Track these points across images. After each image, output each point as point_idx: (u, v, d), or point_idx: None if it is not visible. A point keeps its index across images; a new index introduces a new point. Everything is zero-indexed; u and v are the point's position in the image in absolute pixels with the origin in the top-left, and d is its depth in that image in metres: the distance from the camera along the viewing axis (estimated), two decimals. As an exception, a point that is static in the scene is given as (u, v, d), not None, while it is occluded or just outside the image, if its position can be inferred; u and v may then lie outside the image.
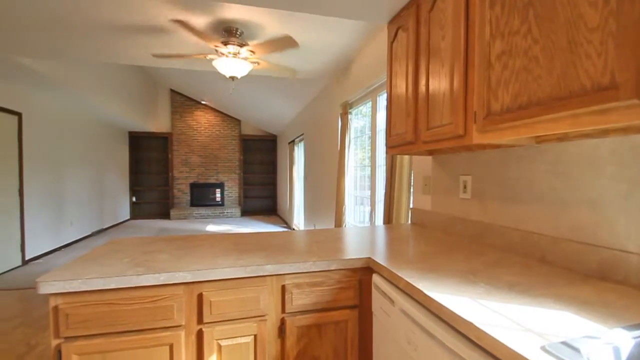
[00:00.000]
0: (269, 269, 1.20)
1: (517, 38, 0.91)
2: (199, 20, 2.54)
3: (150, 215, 8.63)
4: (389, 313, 1.10)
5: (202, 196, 8.79)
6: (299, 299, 1.23)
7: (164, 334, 1.12)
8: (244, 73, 2.90)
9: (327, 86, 4.34)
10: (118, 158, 7.74)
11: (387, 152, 1.78)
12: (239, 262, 1.23)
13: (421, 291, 0.91)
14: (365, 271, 1.31)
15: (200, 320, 1.16)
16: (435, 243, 1.52)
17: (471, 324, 0.71)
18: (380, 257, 1.27)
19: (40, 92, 4.49)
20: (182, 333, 1.14)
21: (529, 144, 1.19)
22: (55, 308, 1.05)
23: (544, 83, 0.82)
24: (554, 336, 0.64)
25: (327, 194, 4.34)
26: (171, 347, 1.13)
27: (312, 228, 5.36)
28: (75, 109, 5.56)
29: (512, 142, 1.14)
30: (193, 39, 2.76)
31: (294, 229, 6.75)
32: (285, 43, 2.68)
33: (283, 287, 1.23)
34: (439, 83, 1.29)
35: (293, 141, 6.84)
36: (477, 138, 1.10)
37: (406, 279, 1.00)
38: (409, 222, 2.22)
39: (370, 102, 3.05)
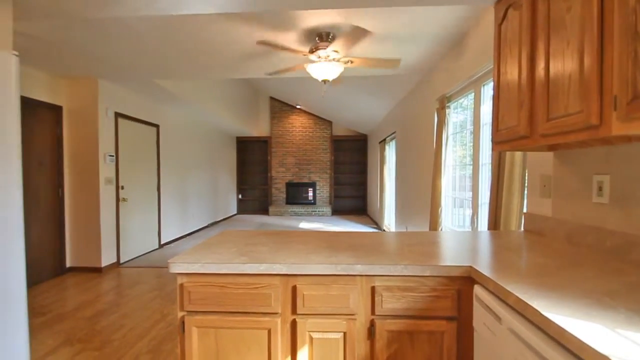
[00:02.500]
0: (359, 268, 1.19)
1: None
2: (289, 35, 2.74)
3: (253, 211, 9.64)
4: (494, 331, 0.97)
5: (296, 195, 9.38)
6: (390, 303, 1.19)
7: (263, 319, 1.23)
8: (336, 75, 2.97)
9: (421, 81, 4.11)
10: (228, 160, 8.88)
11: (493, 149, 1.58)
12: (330, 259, 1.26)
13: (537, 311, 0.77)
14: (464, 281, 1.19)
15: (294, 311, 1.23)
16: (556, 255, 1.28)
17: (606, 358, 0.57)
18: (484, 267, 1.14)
19: (171, 107, 5.47)
20: (279, 320, 1.23)
21: None
22: (181, 285, 1.26)
23: None
24: None
25: (421, 194, 4.12)
26: (269, 331, 1.23)
27: (404, 230, 5.17)
28: (195, 119, 6.60)
29: (675, 131, 0.88)
30: (289, 54, 2.98)
31: (384, 230, 6.62)
32: (356, 34, 2.59)
33: (373, 288, 1.21)
34: (562, 65, 1.08)
35: (384, 140, 6.71)
36: (618, 128, 0.88)
37: (517, 294, 0.87)
38: (521, 229, 1.93)
39: (473, 94, 2.76)
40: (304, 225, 7.61)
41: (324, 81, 3.02)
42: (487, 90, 2.54)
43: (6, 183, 1.30)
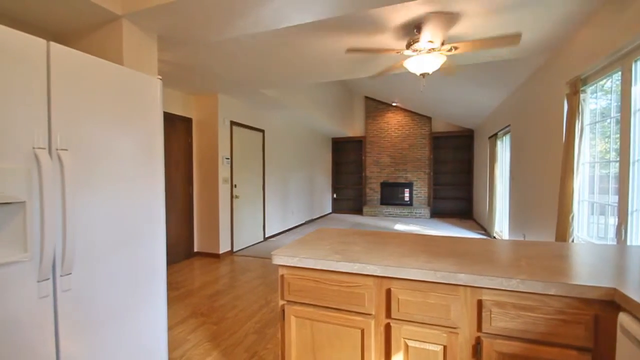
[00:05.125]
0: (463, 278, 1.07)
1: None
2: (383, 35, 2.65)
3: (347, 210, 9.80)
4: (655, 377, 0.74)
5: (391, 195, 9.12)
6: (501, 321, 1.03)
7: (357, 318, 1.22)
8: (437, 67, 2.76)
9: (545, 63, 3.49)
10: (324, 161, 9.25)
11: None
12: (428, 265, 1.17)
13: None
14: (605, 305, 0.95)
15: (388, 315, 1.19)
16: None
17: None
18: (635, 291, 0.88)
19: (274, 113, 5.99)
20: (372, 322, 1.20)
21: None
22: (282, 276, 1.35)
23: None
24: None
25: (544, 198, 3.50)
26: (362, 332, 1.21)
27: (521, 239, 4.48)
28: (295, 123, 7.08)
29: None
30: (383, 54, 2.90)
31: (494, 237, 5.88)
32: (445, 18, 2.29)
33: (479, 302, 1.07)
34: None
35: (495, 135, 5.93)
36: None
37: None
38: (697, 246, 1.45)
39: (620, 73, 2.20)
40: (400, 227, 7.35)
41: (423, 75, 2.84)
42: (642, 67, 1.98)
43: (153, 181, 1.62)
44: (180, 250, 4.51)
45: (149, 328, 1.59)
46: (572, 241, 2.67)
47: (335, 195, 9.90)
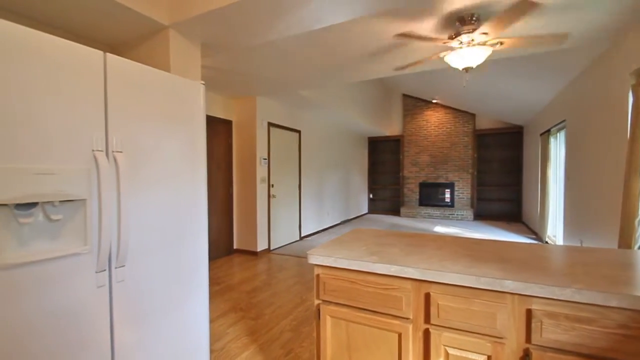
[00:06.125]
0: (510, 285, 1.00)
1: None
2: (426, 24, 2.54)
3: (383, 211, 9.61)
4: None
5: (431, 196, 8.80)
6: (553, 333, 0.95)
7: (394, 321, 1.19)
8: (481, 60, 2.61)
9: (606, 52, 3.17)
10: (360, 161, 9.16)
11: None
12: (470, 269, 1.11)
13: None
14: (683, 323, 0.83)
15: (427, 320, 1.14)
16: None
17: None
18: None
19: (310, 113, 6.04)
20: (410, 327, 1.16)
21: None
22: (317, 276, 1.36)
23: None
24: None
25: (605, 199, 3.18)
26: (399, 336, 1.18)
27: (578, 245, 4.11)
28: (331, 123, 7.08)
29: None
30: (424, 43, 2.79)
31: (546, 243, 5.45)
32: (520, 9, 2.14)
33: (529, 311, 0.99)
34: None
35: (548, 131, 5.49)
36: None
37: None
38: None
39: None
40: (439, 229, 7.07)
41: (466, 69, 2.71)
42: None
43: (196, 181, 1.71)
44: (221, 247, 4.71)
45: (193, 320, 1.68)
46: (639, 248, 2.40)
47: (371, 196, 9.76)
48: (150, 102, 1.47)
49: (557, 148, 5.36)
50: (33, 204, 1.10)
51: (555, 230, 5.35)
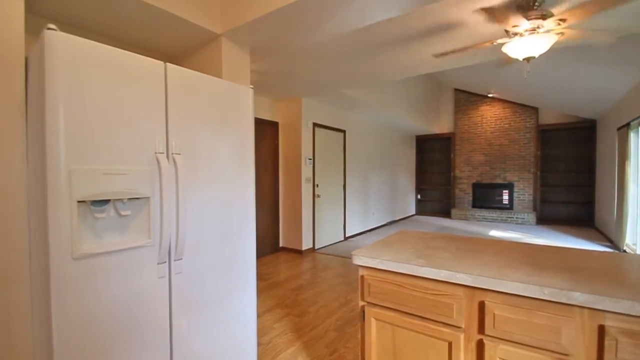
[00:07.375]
0: (579, 298, 0.90)
1: None
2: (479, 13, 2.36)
3: (432, 212, 9.20)
4: None
5: (486, 197, 8.22)
6: (631, 354, 0.83)
7: (443, 329, 1.13)
8: (544, 50, 2.38)
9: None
10: (407, 160, 8.87)
11: None
12: (531, 278, 1.02)
13: None
14: None
15: (481, 330, 1.07)
16: None
17: None
18: None
19: (355, 112, 5.99)
20: (462, 336, 1.10)
21: None
22: (362, 277, 1.34)
23: None
24: None
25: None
26: (450, 345, 1.12)
27: (660, 254, 3.55)
28: (376, 122, 6.96)
29: None
30: (472, 29, 2.60)
31: (624, 251, 4.81)
32: None
33: (601, 327, 0.88)
34: None
35: (627, 125, 4.83)
36: None
37: None
38: None
39: None
40: (495, 233, 6.58)
41: (527, 59, 2.48)
42: None
43: (245, 180, 1.79)
44: (268, 244, 4.87)
45: (242, 313, 1.76)
46: None
47: (419, 196, 9.41)
48: (205, 107, 1.56)
49: (638, 144, 4.69)
50: (106, 201, 1.23)
51: (635, 238, 4.69)
